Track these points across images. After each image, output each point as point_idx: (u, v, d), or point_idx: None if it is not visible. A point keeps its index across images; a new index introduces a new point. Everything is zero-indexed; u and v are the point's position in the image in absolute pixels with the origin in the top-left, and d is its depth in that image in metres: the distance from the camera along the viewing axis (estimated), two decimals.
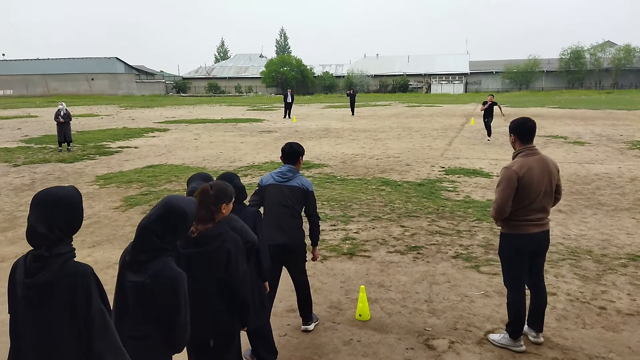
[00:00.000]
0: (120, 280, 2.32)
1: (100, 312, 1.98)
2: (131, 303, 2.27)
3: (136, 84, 73.28)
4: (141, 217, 7.75)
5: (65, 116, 15.62)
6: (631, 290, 5.00)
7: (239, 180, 3.42)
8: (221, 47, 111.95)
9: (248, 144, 16.81)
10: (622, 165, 11.95)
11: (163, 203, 2.32)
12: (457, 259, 5.95)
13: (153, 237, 2.24)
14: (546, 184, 3.81)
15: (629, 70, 64.99)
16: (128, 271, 2.26)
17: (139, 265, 2.24)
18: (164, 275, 2.21)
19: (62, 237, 1.96)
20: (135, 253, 2.26)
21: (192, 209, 2.36)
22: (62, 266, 1.94)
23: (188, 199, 2.42)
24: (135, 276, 2.23)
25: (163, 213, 2.27)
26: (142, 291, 2.22)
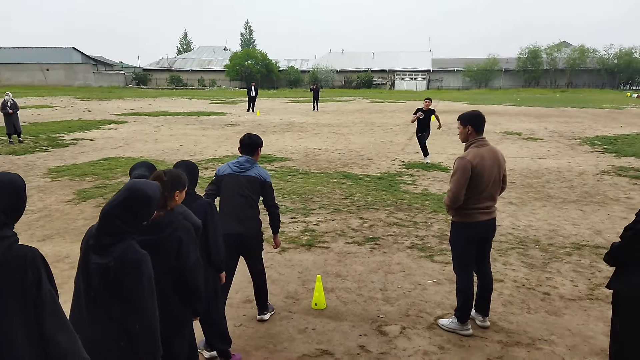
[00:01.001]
0: (84, 263, 2.32)
1: (50, 294, 1.97)
2: (95, 286, 2.27)
3: (94, 75, 70.81)
4: (95, 211, 7.59)
5: (13, 106, 15.00)
6: (574, 277, 5.27)
7: (196, 171, 3.39)
8: (184, 39, 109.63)
9: (210, 137, 16.59)
10: (572, 160, 12.49)
11: (127, 187, 2.33)
12: (413, 249, 6.09)
13: (117, 221, 2.25)
14: (495, 174, 3.97)
15: (582, 70, 67.79)
16: (92, 253, 2.27)
17: (103, 249, 2.26)
18: (128, 258, 2.24)
19: (6, 221, 1.95)
20: (100, 236, 2.27)
21: (156, 193, 2.38)
22: (8, 249, 1.93)
23: (152, 183, 2.43)
24: (99, 258, 2.25)
25: (127, 197, 2.29)
26: (106, 273, 2.23)
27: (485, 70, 69.20)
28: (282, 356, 3.82)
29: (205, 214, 3.28)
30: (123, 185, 2.40)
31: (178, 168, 3.31)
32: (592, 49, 68.41)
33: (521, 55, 70.11)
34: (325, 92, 57.41)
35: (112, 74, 74.81)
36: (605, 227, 6.97)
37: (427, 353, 3.84)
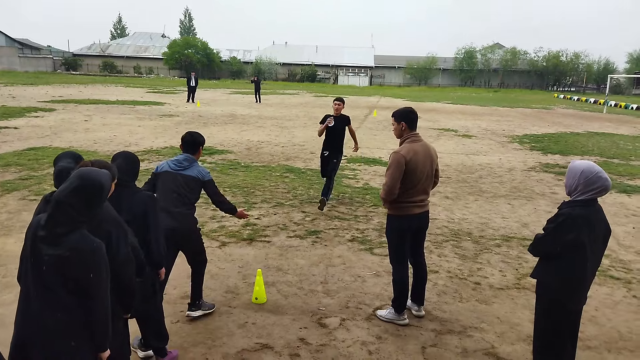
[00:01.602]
0: (34, 255, 2.22)
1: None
2: (49, 278, 2.20)
3: (19, 59, 65.88)
4: (20, 204, 7.10)
5: None
6: (502, 267, 5.57)
7: (136, 163, 3.25)
8: (118, 24, 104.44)
9: (146, 128, 15.97)
10: (503, 157, 13.18)
11: (78, 176, 2.26)
12: (353, 242, 6.19)
13: (70, 210, 2.20)
14: (428, 168, 4.11)
15: (514, 71, 71.65)
16: (44, 245, 2.20)
17: (56, 238, 2.19)
18: (84, 248, 2.20)
19: None
20: (52, 226, 2.20)
21: (108, 181, 2.34)
22: None
23: (102, 171, 2.36)
24: (52, 249, 2.18)
25: (79, 186, 2.23)
26: (61, 264, 2.17)
27: (425, 68, 71.42)
28: (220, 351, 3.76)
29: (145, 207, 3.17)
30: (73, 174, 2.30)
31: (116, 160, 3.18)
32: (524, 51, 72.49)
33: (458, 55, 72.98)
34: (269, 84, 56.91)
35: (40, 58, 69.95)
36: (532, 220, 7.42)
37: (365, 343, 3.93)
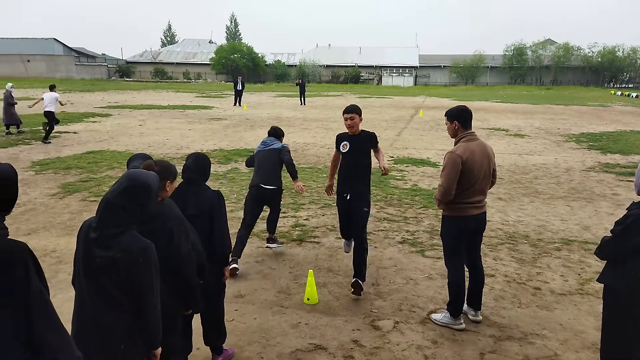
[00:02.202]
0: (86, 258, 2.26)
1: (39, 292, 1.89)
2: (102, 279, 2.23)
3: (76, 67, 69.52)
4: (81, 205, 7.44)
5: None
6: (564, 272, 5.31)
7: (206, 162, 3.46)
8: (168, 31, 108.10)
9: (196, 131, 16.41)
10: (559, 156, 12.63)
11: (127, 177, 2.31)
12: (404, 244, 6.09)
13: (120, 212, 2.23)
14: (485, 168, 3.97)
15: (567, 67, 68.60)
16: (95, 247, 2.22)
17: (108, 240, 2.21)
18: (136, 248, 2.22)
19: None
20: (103, 228, 2.23)
21: (155, 182, 2.38)
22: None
23: (150, 173, 2.42)
24: (104, 251, 2.20)
25: (127, 187, 2.27)
26: (113, 265, 2.20)
27: (471, 66, 69.63)
28: (275, 351, 3.78)
29: (211, 205, 3.25)
30: (122, 175, 2.36)
31: (188, 160, 3.35)
32: (577, 47, 69.29)
33: (507, 53, 70.71)
34: (313, 86, 57.26)
35: (95, 66, 73.53)
36: (593, 223, 7.05)
37: (420, 347, 3.83)
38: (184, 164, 3.39)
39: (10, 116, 14.99)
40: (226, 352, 3.68)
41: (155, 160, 2.82)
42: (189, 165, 3.30)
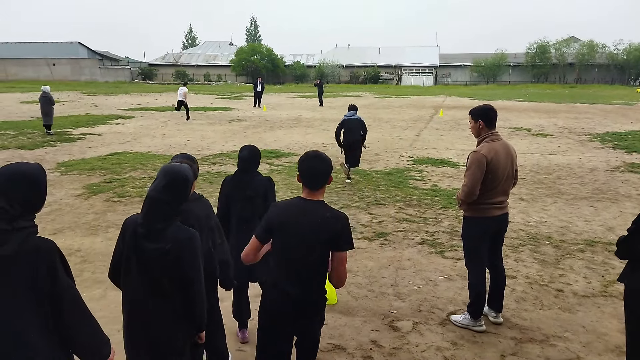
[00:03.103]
0: (137, 252, 2.38)
1: (67, 285, 2.00)
2: (155, 270, 2.36)
3: (100, 70, 70.97)
4: (105, 205, 7.60)
5: None
6: (587, 274, 5.21)
7: (258, 155, 3.85)
8: (189, 34, 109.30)
9: (217, 133, 16.59)
10: (583, 156, 12.38)
11: (164, 172, 2.44)
12: (423, 245, 6.06)
13: (164, 205, 2.36)
14: (509, 168, 3.94)
15: (591, 65, 67.09)
16: (145, 241, 2.34)
17: (156, 234, 2.34)
18: (183, 238, 2.36)
19: (23, 213, 1.94)
20: (151, 223, 2.35)
21: (191, 174, 2.54)
22: (24, 241, 1.91)
23: (184, 165, 2.56)
24: (155, 244, 2.33)
25: (169, 182, 2.40)
26: (164, 257, 2.32)
27: (493, 65, 68.66)
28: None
29: (265, 188, 3.73)
30: (158, 172, 2.48)
31: (242, 151, 3.78)
32: (601, 44, 67.68)
33: (529, 51, 69.51)
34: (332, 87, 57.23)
35: (118, 69, 74.95)
36: (618, 224, 6.89)
37: (440, 349, 3.81)
38: (239, 155, 3.80)
39: (50, 117, 15.88)
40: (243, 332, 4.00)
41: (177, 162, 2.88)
42: (245, 156, 3.76)
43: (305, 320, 2.70)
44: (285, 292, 2.62)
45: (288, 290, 2.62)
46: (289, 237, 2.61)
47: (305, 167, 2.68)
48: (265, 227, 2.67)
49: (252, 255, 2.72)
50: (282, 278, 2.65)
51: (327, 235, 2.57)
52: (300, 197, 2.70)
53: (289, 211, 2.66)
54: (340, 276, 2.64)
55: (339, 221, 2.60)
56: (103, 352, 2.15)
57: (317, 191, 2.68)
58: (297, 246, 2.59)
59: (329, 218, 2.59)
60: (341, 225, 2.58)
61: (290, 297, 2.61)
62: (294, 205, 2.67)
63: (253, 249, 2.71)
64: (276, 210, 2.71)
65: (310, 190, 2.67)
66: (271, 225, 2.65)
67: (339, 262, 2.62)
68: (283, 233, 2.63)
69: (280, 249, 2.67)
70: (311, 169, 2.67)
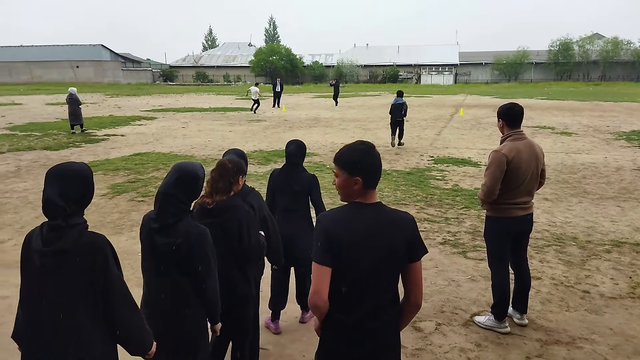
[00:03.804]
0: (150, 246, 2.51)
1: (118, 278, 2.11)
2: (166, 264, 2.48)
3: (122, 72, 72.23)
4: (129, 205, 7.74)
5: None
6: (614, 275, 5.10)
7: (304, 149, 4.01)
8: (209, 36, 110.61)
9: (236, 133, 16.72)
10: (608, 155, 12.12)
11: (176, 169, 2.53)
12: (445, 245, 6.01)
13: (174, 201, 2.45)
14: (533, 168, 3.87)
15: (616, 62, 65.57)
16: (157, 235, 2.46)
17: (168, 229, 2.45)
18: (193, 233, 2.45)
19: (76, 209, 2.06)
20: (163, 218, 2.46)
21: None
22: (79, 236, 2.04)
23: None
24: (166, 239, 2.44)
25: (179, 177, 2.48)
26: (175, 250, 2.43)
27: (515, 63, 67.67)
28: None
29: (309, 184, 3.91)
30: (171, 169, 2.55)
31: (290, 146, 3.93)
32: (626, 41, 66.11)
33: (552, 48, 68.28)
34: (350, 87, 57.14)
35: (140, 70, 76.16)
36: None
37: (463, 350, 3.78)
38: (287, 150, 3.95)
39: (76, 117, 16.48)
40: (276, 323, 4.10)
41: (228, 158, 3.10)
42: (293, 151, 3.90)
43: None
44: (363, 328, 2.06)
45: (366, 326, 2.06)
46: (359, 255, 2.02)
47: (368, 163, 2.06)
48: (325, 247, 2.00)
49: (324, 287, 2.01)
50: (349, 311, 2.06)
51: (403, 244, 2.05)
52: (357, 203, 2.09)
53: (353, 223, 2.04)
54: (420, 292, 2.16)
55: (409, 223, 2.10)
56: (147, 345, 2.25)
57: (374, 190, 2.12)
58: (370, 266, 2.03)
59: (400, 221, 2.09)
60: (412, 227, 2.10)
61: (370, 336, 2.08)
62: (355, 215, 2.06)
63: (323, 280, 2.00)
64: (333, 223, 2.03)
65: (371, 191, 2.09)
66: (332, 242, 2.00)
67: (419, 275, 2.12)
68: (351, 252, 2.00)
69: (345, 273, 2.03)
70: (374, 164, 2.09)
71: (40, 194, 8.41)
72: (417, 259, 2.10)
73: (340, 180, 2.10)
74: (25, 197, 8.34)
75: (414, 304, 2.17)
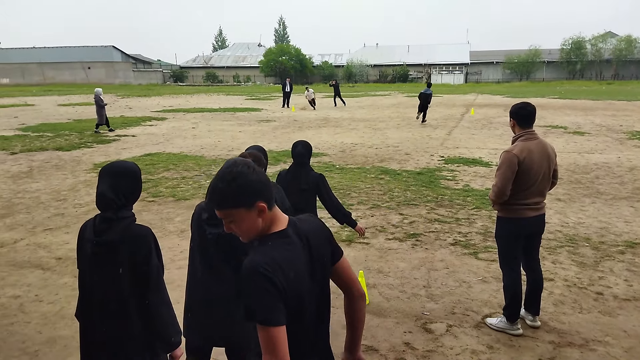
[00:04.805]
0: (199, 235, 2.66)
1: (156, 268, 2.29)
2: (212, 253, 2.62)
3: (133, 73, 72.85)
4: (140, 205, 7.79)
5: None
6: (628, 277, 5.02)
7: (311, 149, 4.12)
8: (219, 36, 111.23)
9: (246, 133, 16.76)
10: (622, 155, 11.95)
11: (227, 164, 2.62)
12: (456, 246, 5.96)
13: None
14: (545, 168, 3.82)
15: (629, 61, 64.75)
16: (207, 226, 2.62)
17: (216, 219, 2.53)
18: None
19: (125, 203, 2.28)
20: (212, 209, 2.57)
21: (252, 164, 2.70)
22: (127, 228, 2.26)
23: (246, 160, 2.72)
24: (214, 229, 2.58)
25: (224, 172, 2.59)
26: (223, 241, 2.56)
27: (526, 62, 67.11)
28: None
29: (317, 182, 4.02)
30: (224, 162, 2.63)
31: (297, 146, 4.04)
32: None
33: (564, 47, 67.60)
34: (360, 86, 57.05)
35: (151, 71, 76.75)
36: None
37: (475, 352, 3.74)
38: (294, 150, 4.05)
39: (100, 117, 16.99)
40: None
41: (247, 152, 3.24)
42: (300, 151, 4.02)
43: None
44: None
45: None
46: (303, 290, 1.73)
47: (257, 180, 1.78)
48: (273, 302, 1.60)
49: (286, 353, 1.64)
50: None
51: (329, 256, 1.90)
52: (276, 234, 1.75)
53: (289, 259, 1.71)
54: (358, 281, 2.05)
55: (324, 230, 1.94)
56: (174, 341, 2.35)
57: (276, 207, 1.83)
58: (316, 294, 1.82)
59: (319, 231, 1.90)
60: (328, 233, 1.95)
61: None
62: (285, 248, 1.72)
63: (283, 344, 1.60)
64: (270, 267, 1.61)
65: (275, 209, 1.79)
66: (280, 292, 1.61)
67: (348, 267, 2.01)
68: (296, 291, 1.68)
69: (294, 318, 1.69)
70: (262, 180, 1.82)
71: (52, 194, 8.50)
72: (340, 258, 1.94)
73: (239, 223, 1.70)
74: (37, 198, 8.43)
75: (360, 295, 2.03)
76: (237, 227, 1.73)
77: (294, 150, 4.05)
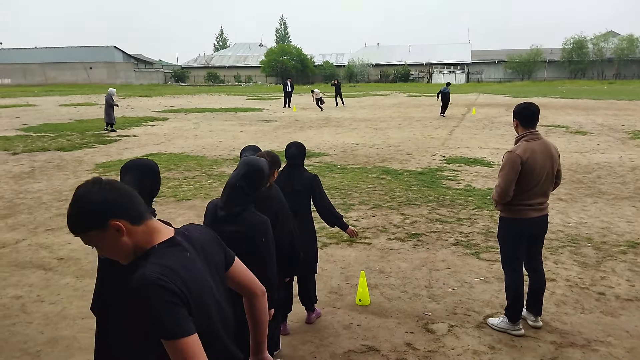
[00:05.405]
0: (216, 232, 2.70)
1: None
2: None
3: (134, 73, 72.91)
4: None
5: None
6: (630, 277, 5.01)
7: (305, 151, 4.18)
8: (220, 36, 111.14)
9: (247, 133, 16.77)
10: (624, 154, 11.93)
11: (244, 163, 2.76)
12: (457, 246, 5.95)
13: (242, 192, 2.67)
14: (548, 169, 3.81)
15: (631, 60, 64.63)
16: (223, 223, 2.66)
17: (234, 217, 2.66)
18: (257, 222, 2.69)
19: (146, 200, 2.26)
20: (229, 207, 2.68)
21: (267, 166, 2.84)
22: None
23: (262, 159, 2.87)
24: (231, 227, 2.64)
25: (247, 171, 2.70)
26: (239, 238, 2.61)
27: (528, 61, 67.02)
28: (328, 351, 3.80)
29: (311, 183, 4.05)
30: (240, 162, 2.80)
31: (291, 147, 4.08)
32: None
33: (566, 46, 67.50)
34: (362, 86, 57.03)
35: (152, 72, 76.81)
36: None
37: (477, 352, 3.74)
38: (288, 151, 4.05)
39: (109, 116, 17.38)
40: (317, 310, 4.30)
41: (264, 152, 3.35)
42: (294, 153, 4.04)
43: None
44: None
45: None
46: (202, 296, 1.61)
47: (118, 195, 1.54)
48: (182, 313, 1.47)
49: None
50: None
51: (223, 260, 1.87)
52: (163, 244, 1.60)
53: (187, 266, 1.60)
54: (256, 280, 2.02)
55: (215, 238, 1.93)
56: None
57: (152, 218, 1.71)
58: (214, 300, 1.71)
59: (213, 240, 1.88)
60: (219, 241, 1.95)
61: None
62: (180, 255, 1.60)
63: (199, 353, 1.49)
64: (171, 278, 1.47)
65: (149, 221, 1.62)
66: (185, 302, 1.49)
67: (244, 268, 1.98)
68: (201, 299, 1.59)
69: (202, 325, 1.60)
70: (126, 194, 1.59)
71: (54, 194, 8.49)
72: (233, 261, 1.89)
73: (101, 246, 1.53)
74: (39, 198, 8.44)
75: (262, 293, 1.98)
76: (102, 251, 1.55)
77: (288, 152, 4.06)
